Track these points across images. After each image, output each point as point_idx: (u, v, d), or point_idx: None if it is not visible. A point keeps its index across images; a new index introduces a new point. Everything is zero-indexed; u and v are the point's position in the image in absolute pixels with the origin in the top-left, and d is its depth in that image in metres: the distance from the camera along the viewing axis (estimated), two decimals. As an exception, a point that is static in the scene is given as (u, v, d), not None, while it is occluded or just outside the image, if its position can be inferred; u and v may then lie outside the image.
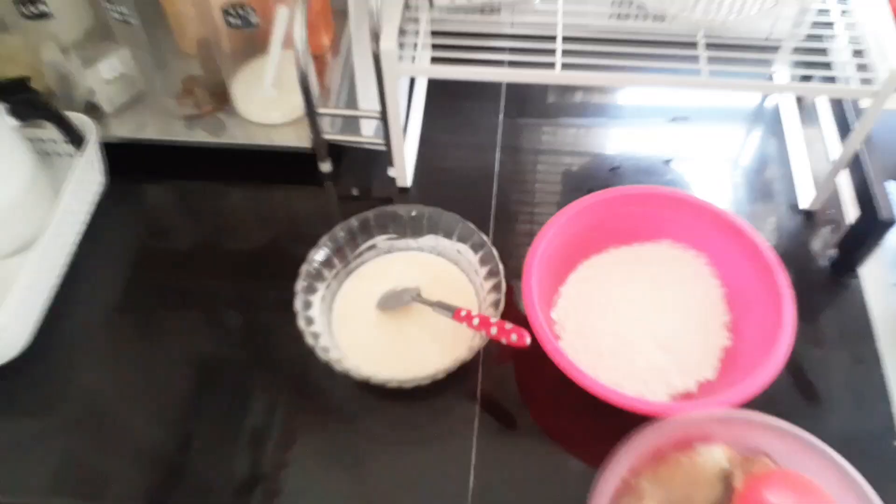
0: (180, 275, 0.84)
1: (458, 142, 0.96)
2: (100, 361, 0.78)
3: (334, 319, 0.77)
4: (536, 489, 0.68)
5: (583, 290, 0.78)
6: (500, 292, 0.72)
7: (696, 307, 0.75)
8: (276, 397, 0.74)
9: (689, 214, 0.77)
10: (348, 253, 0.79)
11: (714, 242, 0.77)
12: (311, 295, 0.75)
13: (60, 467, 0.70)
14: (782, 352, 0.65)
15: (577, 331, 0.74)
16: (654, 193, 0.78)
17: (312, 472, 0.70)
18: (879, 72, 0.70)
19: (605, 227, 0.79)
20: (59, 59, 0.89)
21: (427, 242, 0.81)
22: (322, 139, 0.88)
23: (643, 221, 0.79)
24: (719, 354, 0.73)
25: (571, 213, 0.75)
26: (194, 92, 0.93)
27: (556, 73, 0.73)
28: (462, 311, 0.71)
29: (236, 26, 0.83)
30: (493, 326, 0.68)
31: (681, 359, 0.72)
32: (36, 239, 0.84)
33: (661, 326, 0.74)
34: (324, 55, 0.98)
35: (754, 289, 0.72)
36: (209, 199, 0.92)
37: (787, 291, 0.69)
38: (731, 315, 0.75)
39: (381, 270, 0.80)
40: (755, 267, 0.72)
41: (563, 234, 0.75)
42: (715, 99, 1.01)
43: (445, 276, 0.80)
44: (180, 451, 0.71)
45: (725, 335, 0.74)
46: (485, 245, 0.76)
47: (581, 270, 0.79)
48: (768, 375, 0.64)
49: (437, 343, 0.75)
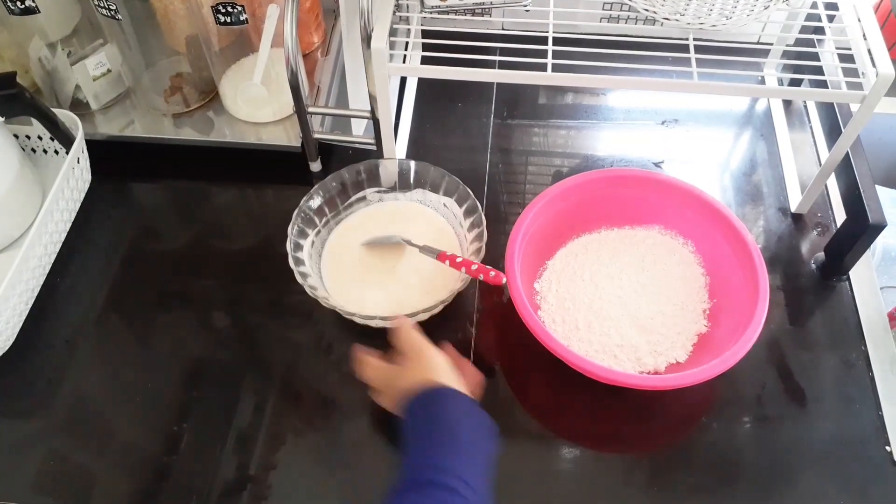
0: (168, 274, 0.84)
1: (450, 143, 0.96)
2: (86, 362, 0.77)
3: (324, 264, 0.81)
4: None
5: (569, 264, 0.80)
6: (482, 241, 0.76)
7: (677, 292, 0.78)
8: (264, 398, 0.74)
9: (680, 201, 0.79)
10: (339, 203, 0.83)
11: (702, 231, 0.79)
12: (302, 239, 0.78)
13: (45, 468, 0.70)
14: (750, 339, 0.67)
15: (558, 303, 0.77)
16: (645, 177, 0.80)
17: (301, 474, 0.70)
18: (868, 76, 0.70)
19: (598, 206, 0.81)
20: (46, 55, 0.88)
21: (415, 196, 0.85)
22: (312, 138, 0.87)
23: (636, 205, 0.81)
24: (694, 339, 0.75)
25: (562, 189, 0.78)
26: (183, 89, 0.92)
27: (548, 74, 0.73)
28: (447, 252, 0.74)
29: (226, 23, 0.83)
30: (474, 264, 0.72)
31: (655, 340, 0.74)
32: (21, 237, 0.84)
33: (640, 307, 0.76)
34: (314, 54, 0.98)
35: (736, 280, 0.74)
36: (197, 198, 0.91)
37: (765, 286, 0.70)
38: (711, 303, 0.77)
39: (369, 219, 0.84)
40: (740, 260, 0.74)
41: (553, 209, 0.78)
42: (705, 102, 1.02)
43: (432, 225, 0.84)
44: (167, 452, 0.70)
45: (703, 322, 0.76)
46: (469, 197, 0.79)
47: (570, 246, 0.82)
48: (730, 362, 0.65)
49: (421, 286, 0.78)
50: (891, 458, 0.69)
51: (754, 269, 0.71)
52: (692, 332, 0.75)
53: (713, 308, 0.76)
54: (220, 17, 0.82)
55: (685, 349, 0.74)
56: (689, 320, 0.76)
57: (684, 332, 0.75)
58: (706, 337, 0.74)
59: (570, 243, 0.82)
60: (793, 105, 1.00)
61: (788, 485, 0.68)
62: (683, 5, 0.73)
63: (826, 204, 0.89)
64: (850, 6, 0.76)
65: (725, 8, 0.73)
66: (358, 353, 0.67)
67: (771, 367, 0.75)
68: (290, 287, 0.74)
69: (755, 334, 0.67)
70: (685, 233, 0.81)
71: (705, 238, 0.79)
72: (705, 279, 0.78)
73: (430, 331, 0.76)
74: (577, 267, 0.80)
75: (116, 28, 0.84)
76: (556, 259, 0.81)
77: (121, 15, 0.81)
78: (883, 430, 0.71)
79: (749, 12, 0.74)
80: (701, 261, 0.80)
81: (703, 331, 0.75)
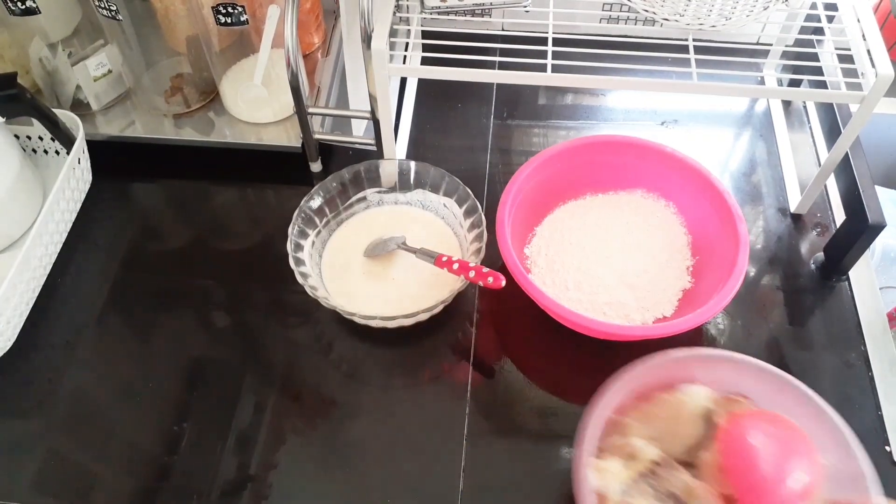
0: (168, 274, 0.84)
1: (450, 143, 0.96)
2: (86, 361, 0.77)
3: (324, 266, 0.81)
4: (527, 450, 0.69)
5: (556, 229, 0.83)
6: (482, 241, 0.77)
7: (661, 251, 0.81)
8: (264, 398, 0.74)
9: (661, 164, 0.82)
10: (339, 204, 0.83)
11: (683, 192, 0.82)
12: (303, 239, 0.79)
13: (46, 468, 0.70)
14: (732, 288, 0.70)
15: (547, 266, 0.80)
16: (626, 142, 0.83)
17: (301, 473, 0.70)
18: (867, 77, 0.70)
19: (583, 173, 0.84)
20: (47, 55, 0.88)
21: (415, 196, 0.85)
22: (312, 139, 0.87)
23: (619, 171, 0.84)
24: (679, 295, 0.78)
25: (547, 156, 0.80)
26: (183, 90, 0.92)
27: (547, 75, 0.73)
28: (443, 258, 0.75)
29: (226, 24, 0.83)
30: (472, 270, 0.72)
31: (642, 296, 0.77)
32: (22, 237, 0.84)
33: (626, 266, 0.79)
34: (314, 54, 0.98)
35: (718, 237, 0.77)
36: (198, 199, 0.91)
37: (745, 238, 0.73)
38: (694, 260, 0.80)
39: (369, 222, 0.85)
40: (719, 215, 0.77)
41: (538, 177, 0.80)
42: (705, 102, 1.02)
43: (431, 228, 0.84)
44: (167, 452, 0.70)
45: (687, 279, 0.79)
46: (469, 198, 0.80)
47: (557, 213, 0.85)
48: (714, 310, 0.69)
49: (420, 288, 0.79)
50: (890, 458, 0.69)
51: (733, 222, 0.74)
52: (677, 287, 0.78)
53: (696, 265, 0.80)
54: (221, 17, 0.82)
55: (671, 304, 0.77)
56: (674, 276, 0.79)
57: (669, 287, 0.78)
58: (691, 292, 0.78)
59: (557, 210, 0.85)
60: (792, 105, 1.00)
61: (788, 484, 0.68)
62: (683, 6, 0.73)
63: (825, 204, 0.89)
64: (850, 7, 0.76)
65: (725, 8, 0.73)
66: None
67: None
68: (291, 287, 0.75)
69: (738, 281, 0.70)
70: (667, 195, 0.84)
71: (686, 198, 0.82)
72: (687, 238, 0.82)
73: (430, 331, 0.76)
74: (564, 231, 0.83)
75: (117, 28, 0.84)
76: (544, 225, 0.84)
77: (121, 15, 0.81)
78: (882, 430, 0.71)
79: (748, 13, 0.74)
80: (683, 221, 0.83)
81: (687, 286, 0.78)
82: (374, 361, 0.77)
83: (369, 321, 0.73)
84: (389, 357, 0.77)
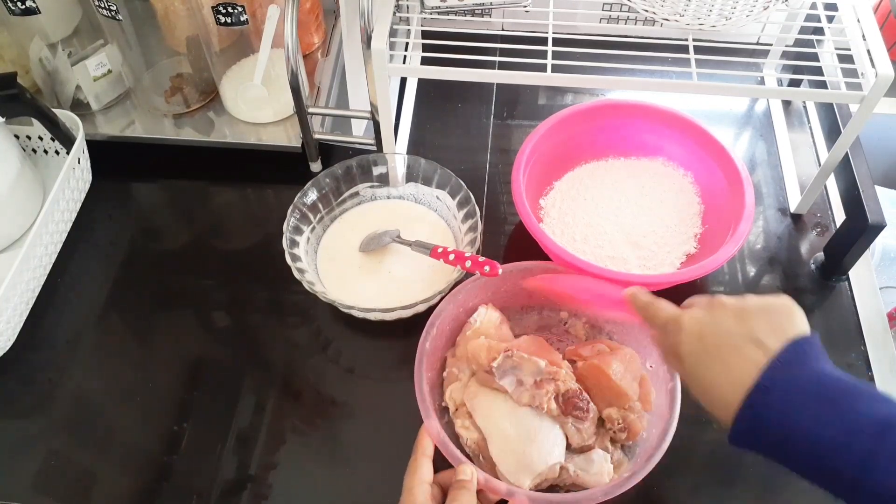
0: (168, 274, 0.84)
1: (450, 143, 0.96)
2: (86, 361, 0.77)
3: (320, 262, 0.82)
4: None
5: (574, 185, 0.87)
6: (476, 231, 0.77)
7: (671, 215, 0.83)
8: (264, 397, 0.74)
9: (684, 134, 0.84)
10: (333, 199, 0.84)
11: (702, 163, 0.84)
12: (298, 235, 0.79)
13: (46, 468, 0.70)
14: (730, 251, 0.73)
15: (559, 217, 0.84)
16: (654, 109, 0.85)
17: (301, 473, 0.70)
18: (867, 77, 0.70)
19: (608, 136, 0.87)
20: (47, 55, 0.88)
21: (407, 190, 0.86)
22: (312, 138, 0.87)
23: (643, 136, 0.87)
24: (682, 258, 0.81)
25: (574, 112, 0.83)
26: (183, 90, 0.92)
27: (547, 75, 0.73)
28: (439, 249, 0.75)
29: (226, 24, 0.83)
30: (468, 260, 0.72)
31: (645, 255, 0.80)
32: (22, 237, 0.84)
33: (634, 226, 0.82)
34: (314, 54, 0.98)
35: (728, 208, 0.79)
36: (197, 198, 0.91)
37: (751, 209, 0.75)
38: (703, 228, 0.83)
39: (363, 217, 0.86)
40: (733, 190, 0.79)
41: (565, 131, 0.84)
42: (705, 102, 1.02)
43: (425, 221, 0.85)
44: (167, 452, 0.70)
45: (693, 244, 0.82)
46: (462, 189, 0.81)
47: (578, 170, 0.89)
48: (710, 267, 0.72)
49: (417, 280, 0.79)
50: (890, 458, 0.69)
51: (741, 191, 0.76)
52: (681, 251, 0.81)
53: (704, 233, 0.82)
54: (221, 17, 0.82)
55: (672, 266, 0.79)
56: (680, 241, 0.81)
57: (674, 251, 0.80)
58: (694, 256, 0.80)
59: (578, 168, 0.88)
60: (792, 105, 1.00)
61: (787, 484, 0.68)
62: (683, 6, 0.73)
63: (825, 204, 0.89)
64: (850, 7, 0.76)
65: (725, 8, 0.73)
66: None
67: (770, 367, 0.75)
68: (291, 286, 0.75)
69: (733, 248, 0.73)
70: (686, 164, 0.86)
71: (704, 170, 0.84)
72: (700, 207, 0.84)
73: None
74: (581, 189, 0.86)
75: (117, 28, 0.84)
76: (564, 180, 0.87)
77: (121, 15, 0.81)
78: (882, 430, 0.71)
79: (748, 13, 0.74)
80: (698, 190, 0.85)
81: (691, 251, 0.81)
82: (373, 356, 0.77)
83: (368, 314, 0.73)
84: (389, 351, 0.77)
